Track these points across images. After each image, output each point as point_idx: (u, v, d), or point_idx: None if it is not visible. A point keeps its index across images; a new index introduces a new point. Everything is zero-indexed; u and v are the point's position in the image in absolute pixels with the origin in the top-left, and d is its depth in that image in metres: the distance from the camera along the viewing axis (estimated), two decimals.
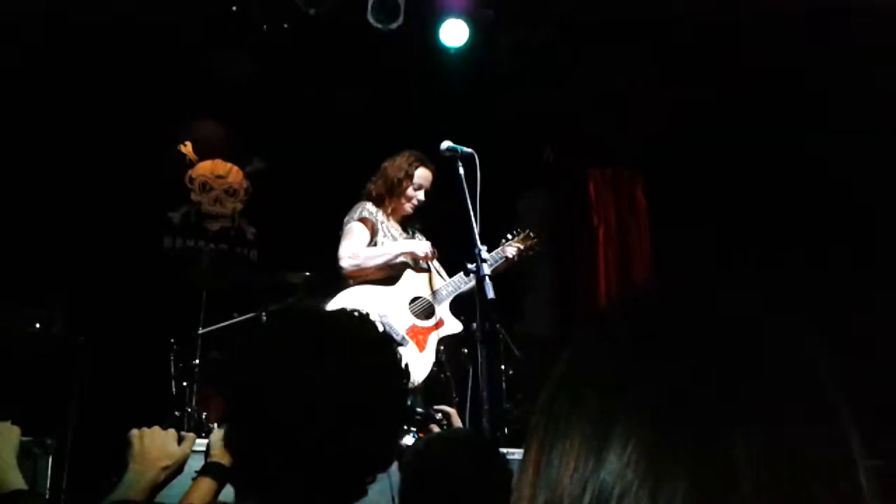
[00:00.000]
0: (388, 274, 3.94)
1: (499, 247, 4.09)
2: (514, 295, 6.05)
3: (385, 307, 3.84)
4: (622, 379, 0.53)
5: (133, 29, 5.38)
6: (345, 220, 4.07)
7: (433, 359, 3.82)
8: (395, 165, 4.13)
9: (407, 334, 3.82)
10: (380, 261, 3.91)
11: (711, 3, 5.20)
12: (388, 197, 4.10)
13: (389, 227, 4.09)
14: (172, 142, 6.12)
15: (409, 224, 4.21)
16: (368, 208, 4.06)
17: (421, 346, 3.82)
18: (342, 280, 3.97)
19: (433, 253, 3.98)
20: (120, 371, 4.86)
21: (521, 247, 4.14)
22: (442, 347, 3.96)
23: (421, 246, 3.99)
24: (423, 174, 4.10)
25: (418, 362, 3.75)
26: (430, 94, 5.76)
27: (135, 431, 1.63)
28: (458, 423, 3.08)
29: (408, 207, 4.11)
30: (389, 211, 4.13)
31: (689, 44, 5.57)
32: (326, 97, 5.90)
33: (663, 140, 6.18)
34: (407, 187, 4.08)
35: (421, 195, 4.10)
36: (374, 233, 4.00)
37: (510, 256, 4.06)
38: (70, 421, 4.16)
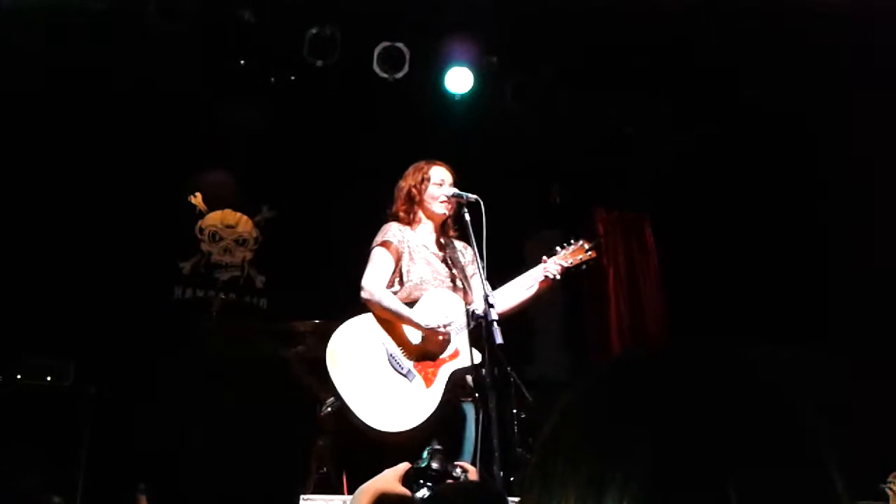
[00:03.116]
0: (413, 296, 3.72)
1: (539, 264, 3.79)
2: (524, 338, 6.03)
3: (394, 336, 3.64)
4: (616, 439, 0.53)
5: (142, 82, 5.48)
6: (372, 243, 3.84)
7: (441, 395, 3.55)
8: (407, 177, 3.93)
9: (414, 367, 3.59)
10: (391, 313, 3.64)
11: (714, 44, 5.26)
12: (414, 207, 3.88)
13: (420, 248, 3.82)
14: (182, 193, 6.18)
15: (444, 232, 3.95)
16: (393, 230, 3.80)
17: (429, 381, 3.58)
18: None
19: (441, 332, 3.64)
20: (131, 423, 4.84)
21: (565, 263, 3.78)
22: (455, 383, 3.69)
23: (430, 325, 3.64)
24: (439, 170, 3.90)
25: (423, 399, 3.53)
26: (436, 140, 5.81)
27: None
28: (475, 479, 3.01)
29: (439, 207, 3.85)
30: (422, 222, 3.89)
31: (693, 84, 5.63)
32: (334, 146, 5.97)
33: (671, 180, 6.20)
34: (427, 188, 3.86)
35: (447, 190, 3.84)
36: (398, 258, 3.76)
37: (551, 276, 3.74)
38: (80, 474, 4.15)
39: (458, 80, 5.67)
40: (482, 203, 3.68)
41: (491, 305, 3.40)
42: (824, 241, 5.40)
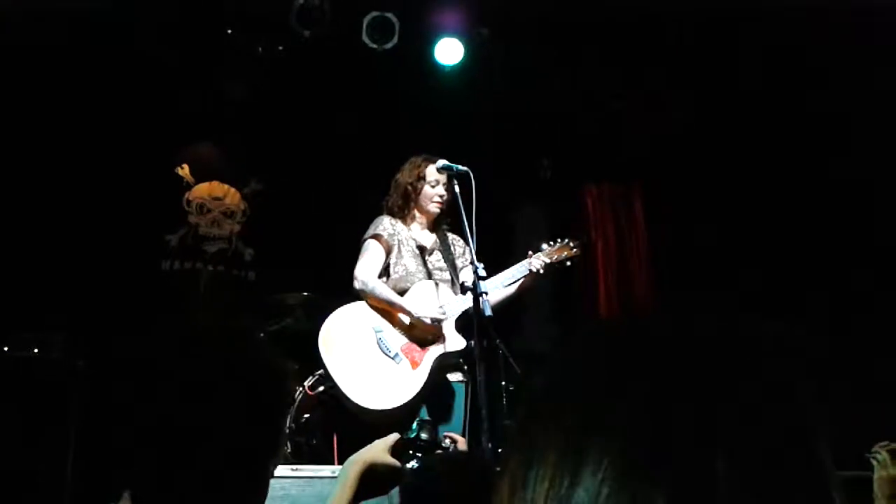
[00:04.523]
0: (398, 287, 3.88)
1: (525, 259, 3.89)
2: (513, 311, 6.04)
3: (384, 321, 3.82)
4: (597, 398, 0.53)
5: (129, 53, 5.41)
6: (364, 235, 4.02)
7: (426, 377, 3.71)
8: (405, 173, 4.07)
9: (401, 350, 3.75)
10: (384, 302, 3.82)
11: (706, 15, 5.24)
12: (407, 205, 4.04)
13: (409, 241, 3.98)
14: (169, 164, 6.13)
15: (439, 224, 4.11)
16: (384, 224, 3.98)
17: (414, 364, 3.74)
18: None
19: (430, 323, 3.78)
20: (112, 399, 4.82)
21: (549, 260, 3.88)
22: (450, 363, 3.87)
23: (422, 316, 3.78)
24: (433, 170, 4.01)
25: (408, 380, 3.69)
26: (426, 112, 5.78)
27: None
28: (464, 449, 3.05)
29: (433, 207, 4.02)
30: (415, 218, 4.05)
31: (686, 57, 5.60)
32: (323, 117, 5.92)
33: (661, 154, 6.19)
34: (423, 188, 4.00)
35: (440, 190, 3.99)
36: (388, 251, 3.94)
37: (534, 270, 3.84)
38: (69, 447, 4.14)
39: (448, 51, 5.63)
40: (472, 175, 3.69)
41: (481, 278, 3.41)
42: (814, 217, 5.42)
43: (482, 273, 3.47)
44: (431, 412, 3.70)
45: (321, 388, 4.47)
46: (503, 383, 4.50)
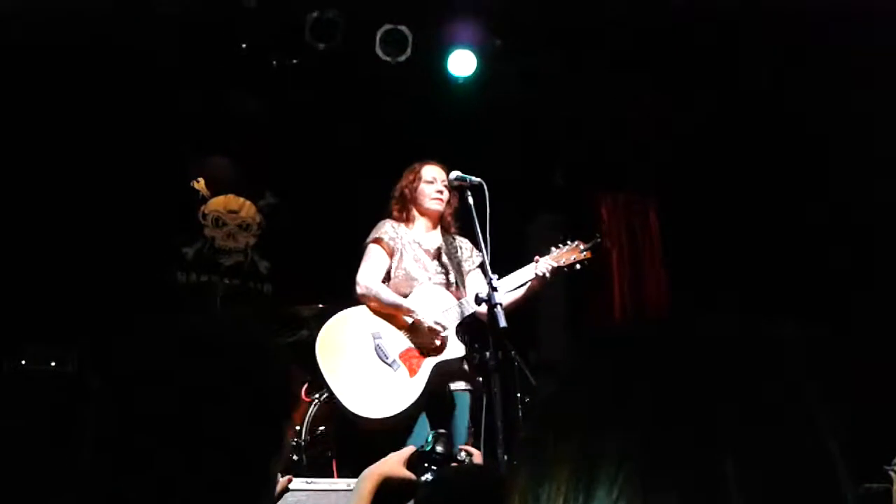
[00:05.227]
0: (399, 290, 3.80)
1: (531, 263, 3.81)
2: (528, 322, 6.03)
3: (383, 327, 3.73)
4: (606, 412, 0.53)
5: (145, 66, 5.46)
6: (366, 240, 3.95)
7: (424, 385, 3.61)
8: (403, 178, 4.04)
9: (399, 357, 3.66)
10: (388, 305, 3.72)
11: (715, 29, 5.23)
12: (407, 206, 3.98)
13: (411, 244, 3.91)
14: (185, 178, 6.17)
15: (444, 229, 4.03)
16: (385, 227, 3.91)
17: (413, 371, 3.64)
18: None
19: (431, 330, 3.67)
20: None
21: (556, 264, 3.80)
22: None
23: (424, 319, 3.67)
24: (429, 169, 3.98)
25: (406, 388, 3.60)
26: (440, 124, 5.79)
27: None
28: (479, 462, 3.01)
29: (433, 205, 3.94)
30: (416, 220, 3.99)
31: (696, 66, 5.59)
32: (337, 130, 5.95)
33: (676, 163, 6.18)
34: (418, 185, 3.96)
35: (439, 186, 3.93)
36: (391, 254, 3.86)
37: (539, 273, 3.76)
38: (84, 460, 4.16)
39: (462, 62, 5.64)
40: (485, 186, 3.68)
41: (494, 289, 3.40)
42: (827, 222, 5.39)
43: (496, 284, 3.45)
44: (433, 423, 3.62)
45: (316, 396, 4.47)
46: (518, 395, 4.49)
